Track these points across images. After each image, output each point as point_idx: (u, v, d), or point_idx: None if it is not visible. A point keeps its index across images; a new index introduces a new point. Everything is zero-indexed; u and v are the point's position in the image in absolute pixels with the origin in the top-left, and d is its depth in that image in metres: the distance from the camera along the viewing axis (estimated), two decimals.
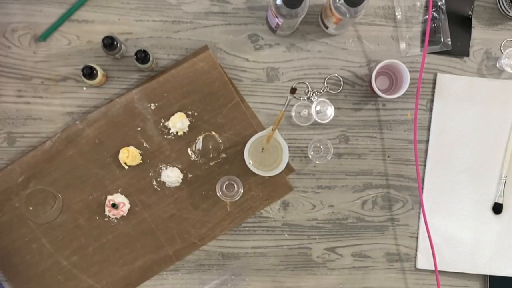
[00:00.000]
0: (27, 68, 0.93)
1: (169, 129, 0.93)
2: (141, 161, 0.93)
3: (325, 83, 0.97)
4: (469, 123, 0.98)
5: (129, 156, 0.91)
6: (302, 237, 0.98)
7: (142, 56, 0.87)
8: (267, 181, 0.95)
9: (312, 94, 0.97)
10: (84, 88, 0.94)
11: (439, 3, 0.96)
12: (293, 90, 0.84)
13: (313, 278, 0.98)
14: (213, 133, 0.94)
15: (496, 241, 0.98)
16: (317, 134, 0.97)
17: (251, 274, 0.97)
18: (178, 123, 0.92)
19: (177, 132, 0.93)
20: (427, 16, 0.96)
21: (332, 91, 0.97)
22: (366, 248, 0.99)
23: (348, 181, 0.98)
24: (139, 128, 0.93)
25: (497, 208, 0.98)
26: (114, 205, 0.91)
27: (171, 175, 0.92)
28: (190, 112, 0.93)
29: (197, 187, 0.94)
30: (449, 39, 0.96)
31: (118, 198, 0.92)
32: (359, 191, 0.98)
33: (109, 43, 0.86)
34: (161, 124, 0.93)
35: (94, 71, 0.87)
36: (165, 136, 0.93)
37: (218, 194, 0.93)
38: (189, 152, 0.94)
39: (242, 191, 0.94)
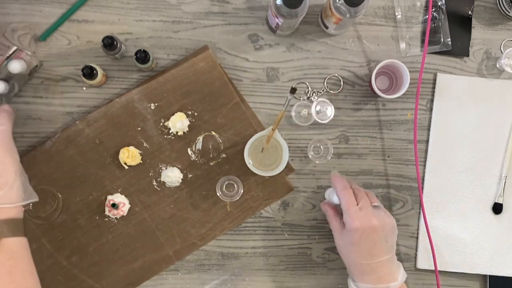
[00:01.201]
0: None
1: (169, 129, 0.93)
2: (141, 161, 0.93)
3: (325, 83, 0.97)
4: (469, 123, 0.98)
5: (129, 156, 0.91)
6: (302, 237, 0.98)
7: (142, 56, 0.87)
8: (267, 181, 0.95)
9: (312, 94, 0.96)
10: (84, 88, 0.94)
11: (439, 3, 0.96)
12: (293, 90, 0.84)
13: (313, 278, 0.98)
14: (213, 133, 0.94)
15: (496, 241, 0.98)
16: (317, 134, 0.97)
17: (251, 274, 0.97)
18: (178, 123, 0.91)
19: (177, 132, 0.93)
20: (427, 16, 0.96)
21: (332, 91, 0.97)
22: None
23: None
24: (139, 128, 0.93)
25: (497, 208, 0.98)
26: (114, 205, 0.91)
27: (171, 175, 0.92)
28: (190, 112, 0.93)
29: (197, 187, 0.94)
30: (449, 39, 0.96)
31: (118, 198, 0.92)
32: None
33: (109, 43, 0.86)
34: (161, 124, 0.93)
35: (94, 71, 0.87)
36: (165, 136, 0.93)
37: (218, 194, 0.93)
38: (189, 152, 0.94)
39: (242, 191, 0.93)
